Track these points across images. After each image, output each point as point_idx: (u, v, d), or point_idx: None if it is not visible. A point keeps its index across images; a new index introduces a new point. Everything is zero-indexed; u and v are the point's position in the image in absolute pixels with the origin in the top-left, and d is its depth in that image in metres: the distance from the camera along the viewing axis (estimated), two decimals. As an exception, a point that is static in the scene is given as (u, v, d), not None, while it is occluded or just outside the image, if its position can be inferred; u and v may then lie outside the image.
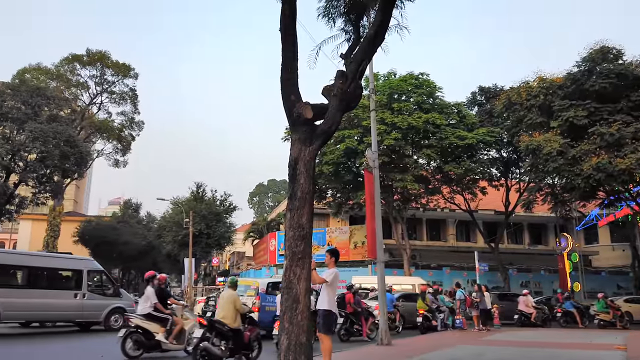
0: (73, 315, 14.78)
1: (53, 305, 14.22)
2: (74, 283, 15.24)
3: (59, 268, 15.51)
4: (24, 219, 55.56)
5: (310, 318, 5.83)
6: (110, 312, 15.41)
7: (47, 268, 15.04)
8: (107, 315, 15.28)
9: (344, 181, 26.90)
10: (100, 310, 15.25)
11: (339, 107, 6.54)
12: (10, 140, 32.07)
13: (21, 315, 14.20)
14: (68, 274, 15.52)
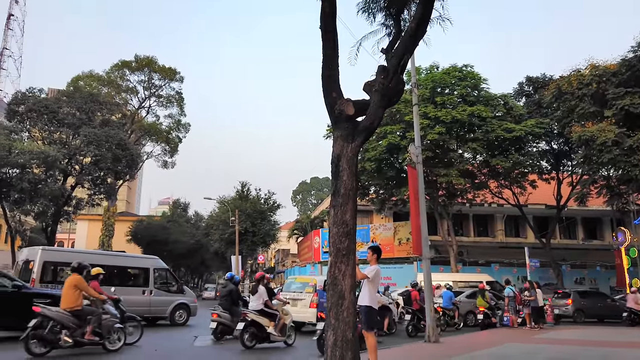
0: (142, 311, 15.44)
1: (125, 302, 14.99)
2: (142, 280, 16.13)
3: (129, 267, 16.42)
4: (80, 220, 58.55)
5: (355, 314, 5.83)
6: (175, 308, 16.15)
7: (119, 267, 15.99)
8: (172, 310, 16.02)
9: (386, 177, 26.65)
10: (166, 306, 16.00)
11: (381, 102, 6.48)
12: (67, 145, 33.82)
13: None
14: (137, 272, 16.35)
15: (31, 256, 14.45)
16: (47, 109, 33.29)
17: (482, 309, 17.17)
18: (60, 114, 33.50)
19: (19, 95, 34.70)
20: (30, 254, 14.72)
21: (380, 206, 30.17)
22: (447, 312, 16.73)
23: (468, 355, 9.58)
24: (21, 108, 33.47)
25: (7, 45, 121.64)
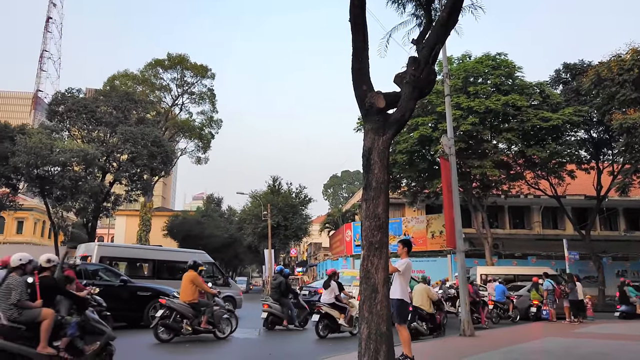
0: None
1: None
2: None
3: (178, 261, 16.98)
4: (119, 215, 60.46)
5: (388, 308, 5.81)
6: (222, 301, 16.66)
7: (168, 261, 16.58)
8: None
9: (418, 170, 26.32)
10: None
11: (412, 94, 6.40)
12: (105, 143, 34.89)
13: None
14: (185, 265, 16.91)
15: (88, 251, 15.21)
16: (86, 108, 34.40)
17: (536, 302, 17.59)
18: (98, 113, 34.57)
19: (58, 96, 35.98)
20: (87, 250, 15.49)
21: (413, 199, 29.86)
22: (500, 306, 16.96)
23: (504, 349, 9.41)
24: (61, 108, 34.71)
25: (47, 47, 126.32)
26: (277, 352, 9.90)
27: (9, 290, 6.05)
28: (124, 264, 16.30)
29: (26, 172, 30.39)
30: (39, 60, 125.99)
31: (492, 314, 16.36)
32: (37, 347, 5.89)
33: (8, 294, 6.03)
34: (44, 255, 6.92)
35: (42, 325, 6.03)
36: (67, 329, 6.32)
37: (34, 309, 6.11)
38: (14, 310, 5.99)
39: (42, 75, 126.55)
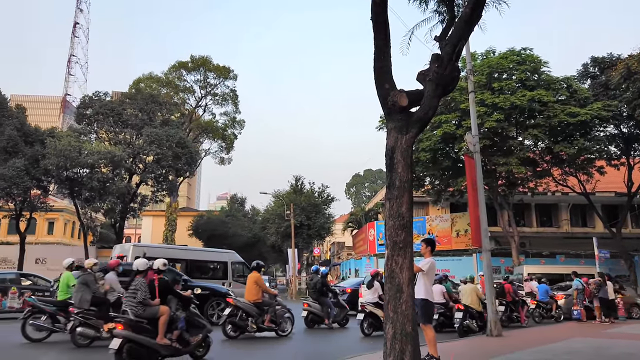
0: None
1: None
2: (221, 273, 17.01)
3: (210, 260, 17.34)
4: (145, 215, 61.51)
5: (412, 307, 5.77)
6: None
7: (201, 260, 16.96)
8: None
9: (442, 168, 26.03)
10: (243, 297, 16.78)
11: (435, 92, 6.34)
12: (131, 145, 35.58)
13: None
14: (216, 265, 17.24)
15: (124, 252, 15.70)
16: (113, 111, 35.16)
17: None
18: (124, 116, 35.28)
19: (86, 99, 36.84)
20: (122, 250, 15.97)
21: (436, 197, 29.55)
22: (543, 305, 17.00)
23: (532, 350, 9.24)
24: (89, 111, 35.56)
25: (74, 52, 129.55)
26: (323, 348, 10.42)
27: (136, 290, 7.30)
28: None
29: (56, 174, 31.24)
30: (67, 64, 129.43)
31: (534, 314, 16.53)
32: (156, 338, 7.16)
33: (135, 294, 7.28)
34: (159, 260, 8.09)
35: (160, 320, 7.27)
36: (178, 323, 7.56)
37: (154, 306, 7.35)
38: (139, 307, 7.22)
39: (70, 80, 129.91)
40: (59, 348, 9.46)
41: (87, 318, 9.29)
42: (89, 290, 9.62)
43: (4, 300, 15.46)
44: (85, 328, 9.26)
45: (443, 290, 13.51)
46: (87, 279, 9.78)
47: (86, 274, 9.89)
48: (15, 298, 15.78)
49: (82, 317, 9.28)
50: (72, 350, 9.14)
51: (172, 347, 7.37)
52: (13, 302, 15.73)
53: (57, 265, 42.67)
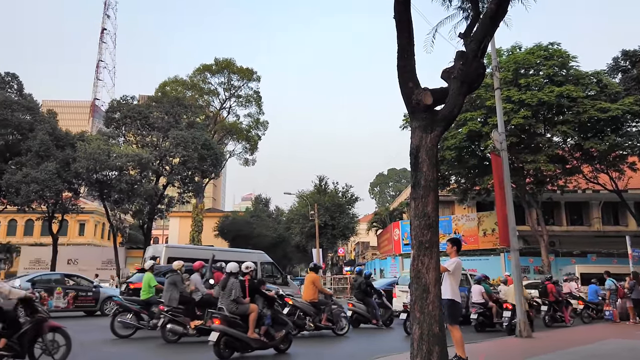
0: None
1: None
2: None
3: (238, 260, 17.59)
4: (172, 217, 62.56)
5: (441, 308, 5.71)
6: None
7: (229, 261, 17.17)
8: None
9: (468, 166, 25.65)
10: None
11: (461, 89, 6.26)
12: (158, 147, 36.25)
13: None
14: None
15: (157, 253, 16.08)
16: (140, 114, 35.88)
17: None
18: (151, 119, 35.96)
19: (114, 104, 37.70)
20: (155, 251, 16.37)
21: (462, 196, 29.14)
22: (592, 306, 16.99)
23: (563, 352, 9.02)
24: (117, 115, 36.38)
25: (102, 58, 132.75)
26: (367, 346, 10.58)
27: (230, 290, 8.32)
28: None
29: (86, 176, 32.04)
30: (96, 70, 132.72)
31: (583, 314, 16.57)
32: (247, 333, 8.18)
33: (229, 293, 8.29)
34: (247, 262, 9.34)
35: (250, 316, 8.28)
36: (265, 320, 8.53)
37: (245, 304, 8.38)
38: (233, 305, 8.25)
39: (98, 84, 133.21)
40: (152, 344, 10.14)
41: (175, 316, 10.01)
42: (177, 290, 10.33)
43: (50, 300, 16.10)
44: (174, 325, 9.98)
45: (482, 291, 13.60)
46: (175, 279, 10.49)
47: (174, 275, 10.59)
48: (60, 298, 16.49)
49: (172, 314, 10.00)
50: (163, 346, 9.92)
51: (261, 341, 8.37)
52: (59, 301, 16.41)
53: (88, 265, 44.10)
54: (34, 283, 15.89)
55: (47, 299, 15.88)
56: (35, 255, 44.28)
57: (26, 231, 59.57)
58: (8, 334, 6.40)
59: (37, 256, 43.71)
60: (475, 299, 13.55)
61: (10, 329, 6.47)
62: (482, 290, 13.54)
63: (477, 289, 13.69)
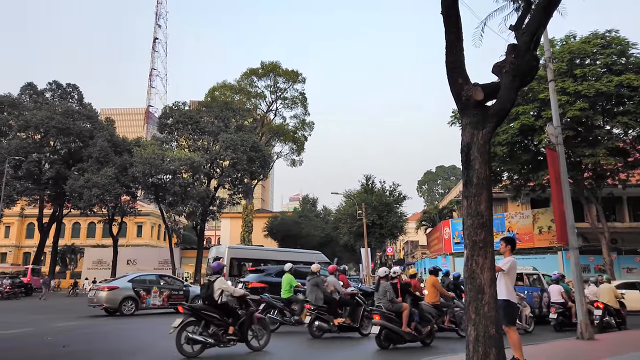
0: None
1: None
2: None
3: (297, 260, 18.02)
4: (224, 218, 64.21)
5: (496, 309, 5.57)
6: None
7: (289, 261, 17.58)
8: None
9: (521, 162, 24.75)
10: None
11: (513, 84, 6.07)
12: (209, 151, 37.32)
13: None
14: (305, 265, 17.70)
15: (220, 254, 16.72)
16: (191, 119, 37.09)
17: None
18: (202, 123, 37.10)
19: (167, 110, 39.17)
20: (218, 252, 17.02)
21: (516, 193, 28.15)
22: None
23: (629, 355, 8.55)
24: (170, 120, 37.78)
25: (155, 66, 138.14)
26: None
27: (385, 291, 9.70)
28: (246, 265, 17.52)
29: (142, 180, 33.46)
30: (149, 78, 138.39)
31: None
32: (401, 327, 9.47)
33: (384, 294, 9.70)
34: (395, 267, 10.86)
35: (403, 313, 9.58)
36: (414, 317, 9.83)
37: (399, 303, 9.72)
38: (389, 304, 9.62)
39: (152, 92, 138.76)
40: (303, 338, 11.04)
41: (321, 314, 10.95)
42: (320, 290, 11.23)
43: (148, 299, 17.59)
44: (320, 322, 10.95)
45: (561, 290, 13.56)
46: (317, 280, 11.39)
47: (316, 277, 11.48)
48: (157, 296, 17.85)
49: (318, 313, 10.92)
50: (314, 340, 10.81)
51: (412, 334, 9.62)
52: (155, 299, 17.76)
53: (146, 265, 45.92)
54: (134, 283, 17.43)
55: (146, 297, 17.38)
56: (97, 256, 46.70)
57: (89, 233, 62.93)
58: (233, 323, 8.43)
59: (99, 257, 46.09)
60: (554, 299, 13.59)
61: (234, 319, 8.47)
62: (561, 289, 13.54)
63: (556, 289, 13.65)
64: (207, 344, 8.03)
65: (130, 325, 13.88)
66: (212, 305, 8.33)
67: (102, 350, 9.29)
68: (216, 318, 8.21)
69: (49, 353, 8.83)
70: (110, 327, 13.53)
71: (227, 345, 8.29)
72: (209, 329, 8.14)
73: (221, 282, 8.47)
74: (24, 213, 60.40)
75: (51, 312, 19.16)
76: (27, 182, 35.79)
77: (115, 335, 11.63)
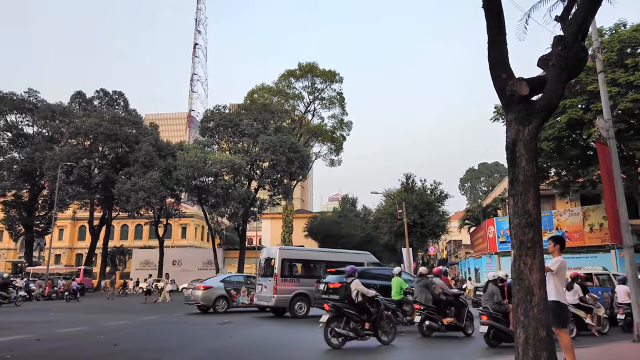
0: None
1: None
2: None
3: (348, 262, 18.05)
4: (264, 218, 65.12)
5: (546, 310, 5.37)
6: None
7: (339, 262, 17.78)
8: None
9: (568, 157, 23.78)
10: None
11: (560, 76, 5.84)
12: (249, 153, 37.91)
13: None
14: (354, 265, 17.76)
15: (271, 254, 17.01)
16: (231, 122, 37.80)
17: None
18: (241, 126, 37.75)
19: (208, 114, 40.06)
20: (270, 253, 17.33)
21: (564, 190, 27.07)
22: None
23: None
24: (211, 124, 38.64)
25: (196, 71, 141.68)
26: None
27: (492, 294, 10.49)
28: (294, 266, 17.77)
29: (186, 183, 34.37)
30: (190, 83, 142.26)
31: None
32: (508, 327, 9.85)
33: (492, 296, 10.47)
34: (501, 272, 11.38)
35: (510, 314, 9.71)
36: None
37: (505, 304, 10.28)
38: (496, 305, 10.34)
39: (193, 96, 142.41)
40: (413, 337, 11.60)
41: (430, 314, 11.47)
42: (429, 292, 11.72)
43: (238, 298, 18.87)
44: (430, 322, 11.49)
45: (627, 290, 12.86)
46: (427, 282, 11.88)
47: (425, 279, 11.98)
48: (245, 296, 19.04)
49: (427, 313, 11.46)
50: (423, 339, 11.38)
51: None
52: (244, 299, 18.93)
53: (190, 266, 47.05)
54: (225, 283, 18.88)
55: (236, 297, 18.54)
56: (144, 257, 48.35)
57: (136, 235, 65.23)
58: (368, 320, 9.65)
59: (146, 258, 47.70)
60: (621, 299, 13.25)
61: (368, 316, 9.70)
62: (627, 290, 12.90)
63: (623, 289, 13.24)
64: (349, 337, 9.43)
65: (179, 325, 14.28)
66: (350, 303, 9.66)
67: (148, 348, 9.59)
68: (355, 315, 9.57)
69: (100, 351, 9.20)
70: (158, 325, 13.96)
71: (364, 338, 9.66)
72: (350, 325, 9.51)
73: (356, 284, 9.83)
74: (76, 216, 63.34)
75: (108, 311, 20.05)
76: (78, 186, 37.46)
77: (163, 334, 11.99)
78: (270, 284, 16.37)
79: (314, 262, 18.01)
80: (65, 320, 15.50)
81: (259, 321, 15.62)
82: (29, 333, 11.46)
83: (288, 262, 16.94)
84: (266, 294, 16.56)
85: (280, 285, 16.16)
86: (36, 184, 42.12)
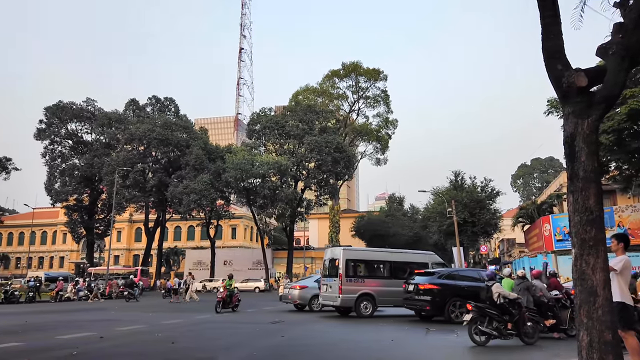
0: None
1: None
2: None
3: (412, 262, 17.97)
4: (311, 218, 65.56)
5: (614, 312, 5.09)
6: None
7: (403, 262, 17.72)
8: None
9: (630, 150, 22.44)
10: None
11: (621, 66, 5.52)
12: (294, 154, 38.29)
13: (389, 301, 16.72)
14: (418, 266, 17.61)
15: (335, 255, 17.21)
16: (277, 124, 38.32)
17: None
18: (287, 127, 38.20)
19: (254, 116, 40.81)
20: (334, 254, 17.52)
21: (626, 184, 25.60)
22: None
23: None
24: (257, 127, 39.35)
25: (242, 75, 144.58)
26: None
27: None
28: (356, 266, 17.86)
29: (235, 185, 35.16)
30: (236, 87, 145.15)
31: None
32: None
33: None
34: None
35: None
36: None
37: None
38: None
39: (239, 100, 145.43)
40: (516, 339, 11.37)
41: (532, 315, 11.45)
42: (530, 294, 11.87)
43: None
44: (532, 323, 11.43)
45: None
46: (527, 285, 12.05)
47: (526, 281, 12.18)
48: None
49: (529, 315, 11.42)
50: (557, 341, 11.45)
51: None
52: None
53: (241, 266, 47.96)
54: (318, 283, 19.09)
55: None
56: (197, 257, 49.83)
57: (189, 236, 67.38)
58: (510, 320, 10.16)
59: (199, 258, 49.15)
60: None
61: (510, 317, 10.20)
62: None
63: None
64: (492, 335, 9.98)
65: (233, 324, 14.62)
66: (492, 305, 10.32)
67: (204, 346, 9.87)
68: (497, 315, 10.14)
69: (159, 349, 9.56)
70: (211, 324, 14.34)
71: (507, 338, 10.14)
72: (492, 324, 10.08)
73: (497, 286, 10.55)
74: (132, 219, 66.21)
75: (163, 310, 20.82)
76: (134, 190, 39.13)
77: (219, 332, 12.31)
78: (335, 284, 16.52)
79: (378, 263, 18.00)
80: (124, 318, 16.24)
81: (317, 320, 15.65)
82: (92, 331, 12.08)
83: (352, 263, 17.00)
84: (331, 293, 16.71)
85: (345, 285, 16.25)
86: (95, 189, 44.42)
